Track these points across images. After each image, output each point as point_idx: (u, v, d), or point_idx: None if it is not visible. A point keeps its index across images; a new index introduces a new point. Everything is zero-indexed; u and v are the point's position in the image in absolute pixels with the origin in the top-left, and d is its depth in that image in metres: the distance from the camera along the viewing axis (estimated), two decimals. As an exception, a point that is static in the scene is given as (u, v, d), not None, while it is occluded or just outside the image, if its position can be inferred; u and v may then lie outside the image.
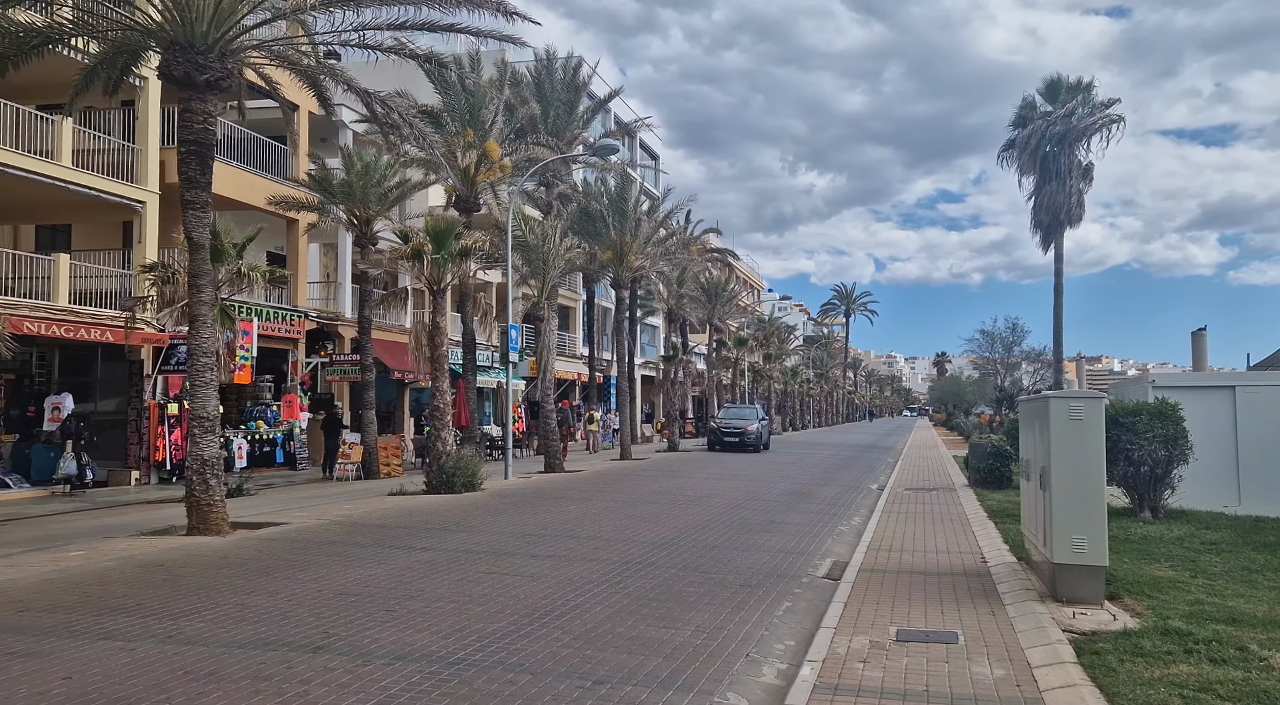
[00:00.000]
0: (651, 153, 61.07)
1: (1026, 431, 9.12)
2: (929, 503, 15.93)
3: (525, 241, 21.70)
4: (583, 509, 14.42)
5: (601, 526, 12.43)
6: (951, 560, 10.00)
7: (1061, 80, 30.98)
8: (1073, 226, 30.80)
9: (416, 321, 18.18)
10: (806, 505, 15.93)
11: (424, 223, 17.14)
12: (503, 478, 19.82)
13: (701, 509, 14.83)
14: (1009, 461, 18.21)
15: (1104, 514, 7.35)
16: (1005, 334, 39.54)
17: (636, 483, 19.56)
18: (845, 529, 13.09)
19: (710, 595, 8.24)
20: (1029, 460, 8.84)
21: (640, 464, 25.66)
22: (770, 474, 22.89)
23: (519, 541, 10.90)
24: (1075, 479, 7.36)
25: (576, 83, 32.53)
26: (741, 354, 50.07)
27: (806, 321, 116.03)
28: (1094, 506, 7.33)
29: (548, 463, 22.04)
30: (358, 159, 21.60)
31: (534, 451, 33.01)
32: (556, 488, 18.09)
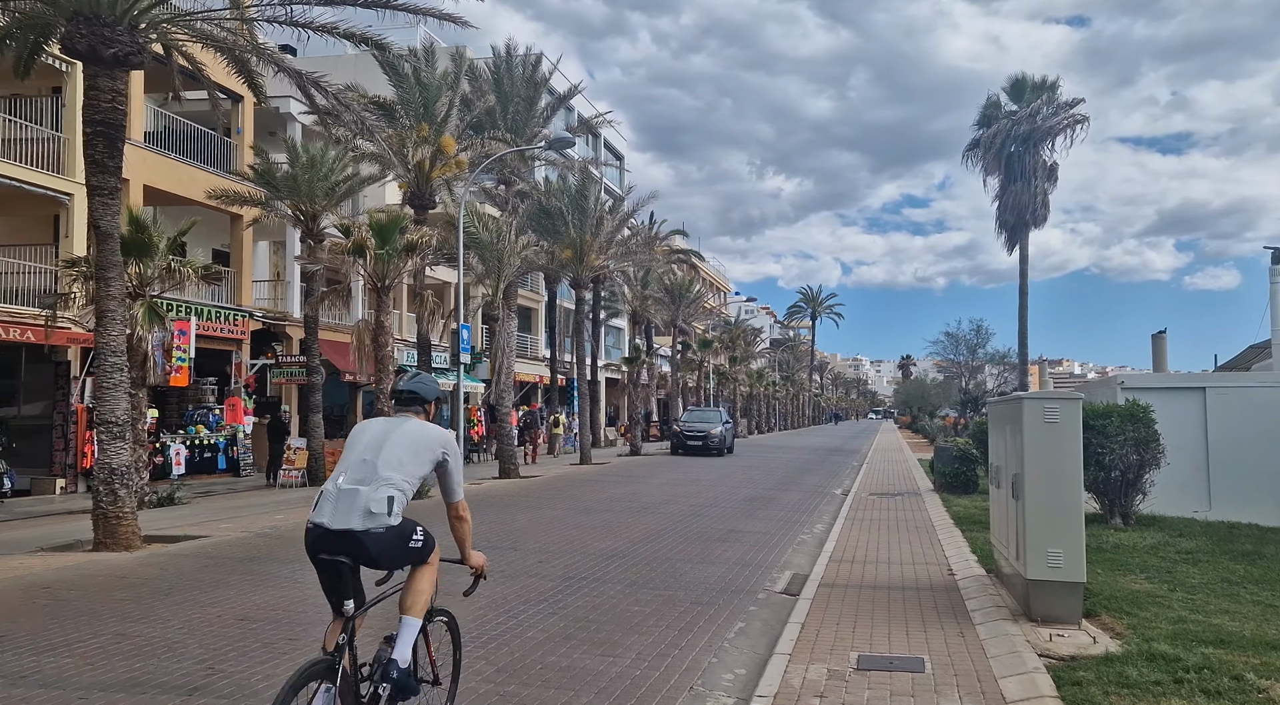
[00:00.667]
0: (616, 153, 60.42)
1: (996, 435, 8.54)
2: (894, 509, 15.38)
3: (479, 238, 20.90)
4: (532, 518, 13.66)
5: (549, 537, 11.69)
6: (917, 572, 9.39)
7: (1026, 79, 30.76)
8: (1038, 227, 30.62)
9: (359, 320, 17.28)
10: (768, 512, 15.31)
11: (367, 217, 16.26)
12: (453, 484, 19.00)
13: (658, 517, 14.15)
14: (975, 465, 17.77)
15: (1081, 525, 6.76)
16: (970, 336, 39.53)
17: (593, 489, 18.83)
18: (807, 538, 12.48)
19: (657, 615, 7.55)
20: (999, 466, 8.25)
21: (600, 469, 24.93)
22: (732, 479, 22.27)
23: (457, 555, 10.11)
24: (1050, 487, 6.77)
25: (536, 78, 31.74)
26: (706, 356, 49.52)
27: (773, 324, 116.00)
28: (1070, 517, 6.74)
29: (503, 468, 21.25)
30: (303, 151, 20.66)
31: (493, 456, 32.17)
32: (508, 495, 17.31)
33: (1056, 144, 30.45)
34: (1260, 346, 21.22)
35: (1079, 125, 29.65)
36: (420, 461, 4.08)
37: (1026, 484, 6.83)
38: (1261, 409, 13.34)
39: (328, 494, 3.87)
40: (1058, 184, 30.36)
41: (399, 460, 3.96)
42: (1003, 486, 8.04)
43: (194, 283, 15.47)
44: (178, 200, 21.72)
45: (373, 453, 3.96)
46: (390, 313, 16.06)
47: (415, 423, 4.19)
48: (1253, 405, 13.39)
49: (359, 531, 3.74)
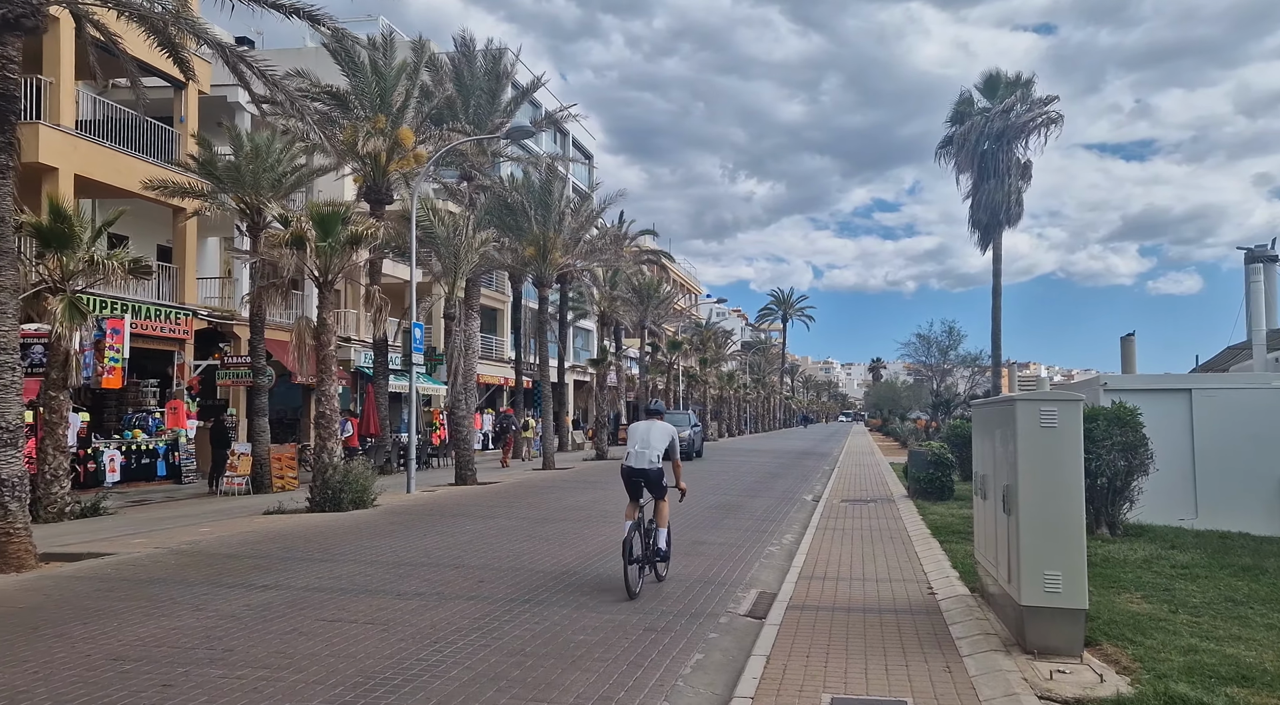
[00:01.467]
0: (585, 152, 59.52)
1: (982, 441, 7.74)
2: (867, 517, 14.61)
3: (435, 234, 19.90)
4: (481, 529, 12.71)
5: (496, 552, 10.75)
6: (894, 592, 8.58)
7: (1000, 76, 30.23)
8: (1011, 226, 30.09)
9: (300, 317, 16.23)
10: (735, 521, 14.48)
11: (308, 207, 15.22)
12: (404, 491, 17.99)
13: (617, 528, 13.20)
14: (950, 471, 17.09)
15: (1083, 545, 5.97)
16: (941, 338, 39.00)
17: (553, 496, 17.90)
18: (775, 550, 11.65)
19: (605, 645, 6.66)
20: (985, 476, 7.45)
21: (563, 474, 23.99)
22: (699, 484, 21.43)
23: (389, 574, 9.17)
24: (1048, 501, 5.97)
25: (499, 71, 30.77)
26: (675, 358, 48.70)
27: (745, 327, 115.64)
28: (1071, 535, 5.94)
29: (459, 474, 20.25)
30: (248, 140, 19.54)
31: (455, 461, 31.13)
32: (461, 503, 16.33)
33: (1030, 142, 29.99)
34: (1237, 347, 20.74)
35: (1053, 123, 29.22)
36: (664, 441, 8.81)
37: (1021, 497, 6.03)
38: (1250, 412, 12.73)
39: (631, 454, 8.70)
40: (1031, 183, 29.99)
41: (656, 440, 8.72)
42: (990, 498, 7.25)
43: (120, 277, 14.33)
44: (114, 192, 20.52)
45: (644, 436, 8.74)
46: (333, 309, 15.03)
47: (659, 424, 9.02)
48: (1241, 408, 12.77)
49: (645, 469, 8.59)
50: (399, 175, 25.06)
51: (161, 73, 22.58)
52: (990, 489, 7.16)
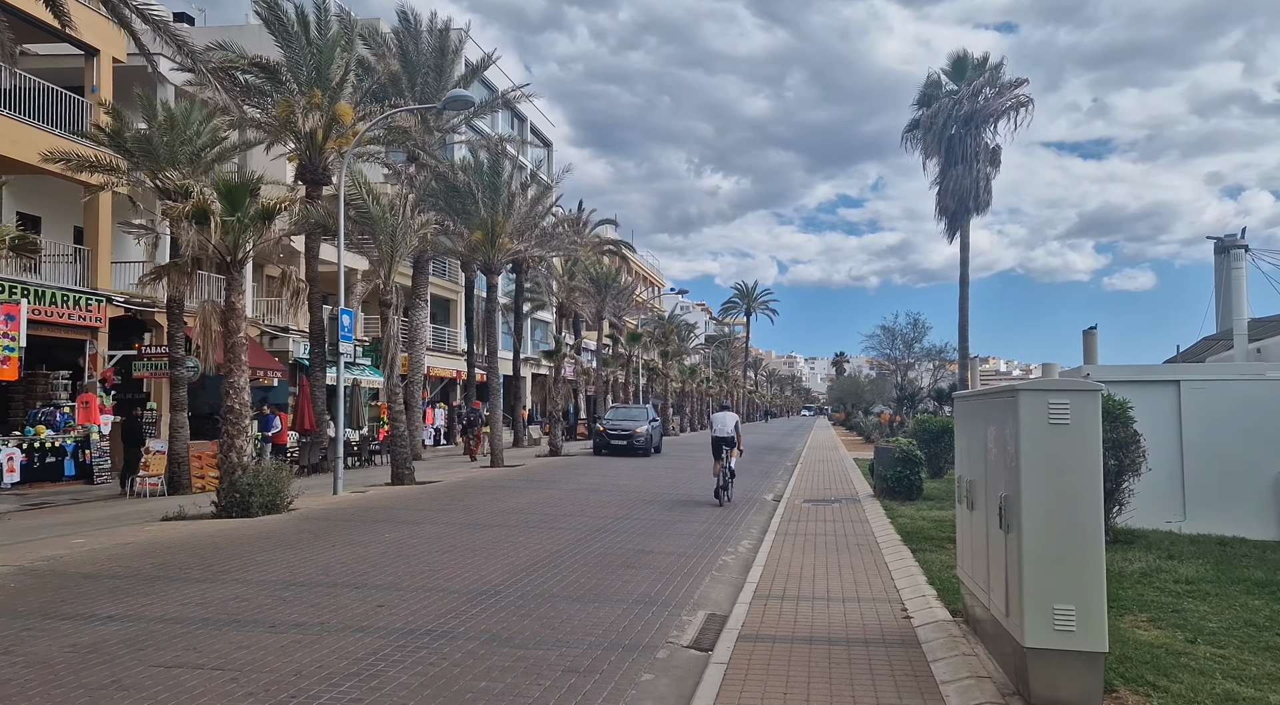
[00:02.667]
0: (544, 139, 57.98)
1: (969, 440, 6.54)
2: (831, 519, 13.46)
3: (370, 214, 18.39)
4: (401, 538, 11.33)
5: (410, 566, 9.39)
6: (864, 615, 7.38)
7: (968, 58, 29.22)
8: (979, 214, 29.14)
9: (204, 300, 14.68)
10: (688, 524, 13.24)
11: (215, 178, 13.66)
12: (331, 493, 16.52)
13: (557, 533, 11.95)
14: (919, 469, 16.02)
15: (1103, 572, 4.78)
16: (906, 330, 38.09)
17: (494, 497, 16.54)
18: (730, 559, 10.43)
19: (510, 694, 5.37)
20: (973, 481, 6.26)
21: (511, 472, 22.62)
22: (655, 482, 20.20)
23: (272, 598, 7.77)
24: (1059, 517, 4.77)
25: (445, 46, 29.28)
26: (635, 351, 47.44)
27: (708, 321, 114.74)
28: (1087, 561, 4.75)
29: (395, 473, 18.79)
30: (161, 109, 17.86)
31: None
32: (391, 506, 14.91)
33: (999, 127, 29.06)
34: (1213, 338, 19.95)
35: (1022, 108, 28.30)
36: (733, 421, 16.50)
37: (1024, 511, 4.82)
38: (1242, 405, 11.74)
39: (716, 430, 16.42)
40: (1000, 169, 29.07)
41: (730, 422, 16.44)
42: (979, 509, 6.06)
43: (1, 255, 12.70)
44: (12, 165, 18.71)
45: (723, 420, 16.61)
46: (243, 291, 13.50)
47: (730, 413, 16.96)
48: (1233, 400, 11.78)
49: (727, 436, 16.09)
50: (337, 154, 23.49)
51: (71, 38, 20.81)
52: (980, 498, 5.97)
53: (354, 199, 18.34)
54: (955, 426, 7.21)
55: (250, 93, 24.01)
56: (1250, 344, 16.68)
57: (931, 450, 18.92)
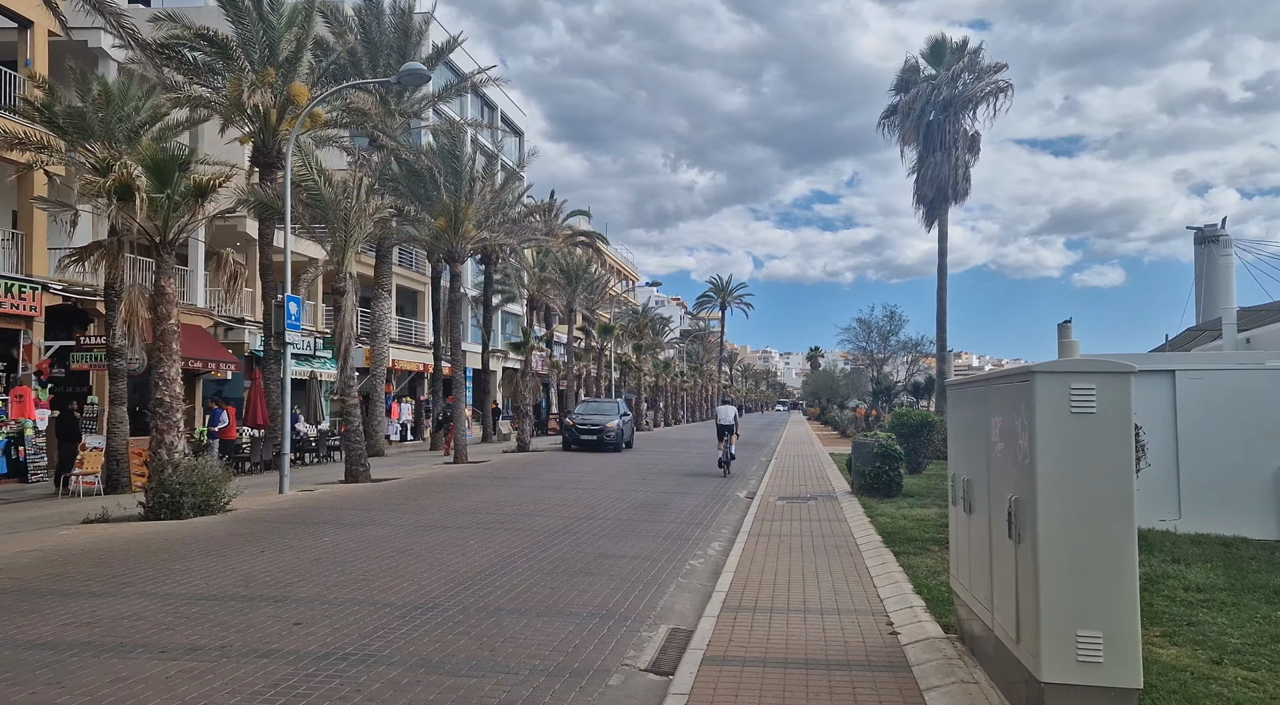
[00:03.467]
0: (515, 128, 56.83)
1: (966, 434, 5.74)
2: (807, 518, 12.68)
3: (320, 195, 17.37)
4: (342, 541, 10.40)
5: (342, 575, 8.47)
6: (845, 630, 6.57)
7: (946, 42, 28.51)
8: (958, 202, 28.44)
9: (130, 285, 13.61)
10: (656, 524, 12.41)
11: (142, 149, 12.60)
12: (277, 491, 15.52)
13: (512, 536, 11.07)
14: (898, 464, 15.27)
15: (1135, 592, 3.98)
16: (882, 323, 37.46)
17: (450, 495, 15.61)
18: (698, 564, 9.60)
19: (430, 738, 4.49)
20: (970, 481, 5.46)
21: (474, 469, 21.68)
22: (624, 479, 19.36)
23: (174, 616, 6.84)
24: (1085, 526, 3.97)
25: (409, 27, 28.18)
26: (608, 344, 46.55)
27: (684, 315, 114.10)
28: (1119, 577, 3.95)
29: (349, 470, 17.81)
30: (96, 83, 16.71)
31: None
32: (339, 505, 13.95)
33: (978, 113, 28.39)
34: (1198, 329, 19.43)
35: (1001, 93, 27.65)
36: (734, 411, 22.38)
37: (1041, 519, 4.02)
38: (1242, 395, 11.06)
39: (721, 418, 21.53)
40: (979, 156, 28.42)
41: (731, 412, 21.94)
42: (978, 512, 5.26)
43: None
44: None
45: (725, 410, 21.94)
46: (173, 275, 12.45)
47: (730, 407, 22.70)
48: (1231, 391, 11.10)
49: (729, 424, 21.12)
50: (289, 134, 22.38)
51: (3, 8, 19.59)
52: (981, 499, 5.16)
53: (305, 180, 17.32)
54: (949, 417, 6.41)
55: (200, 71, 22.88)
56: (1239, 333, 16.12)
57: (910, 445, 18.23)
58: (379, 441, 28.92)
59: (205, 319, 25.57)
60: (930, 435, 19.72)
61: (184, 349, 23.46)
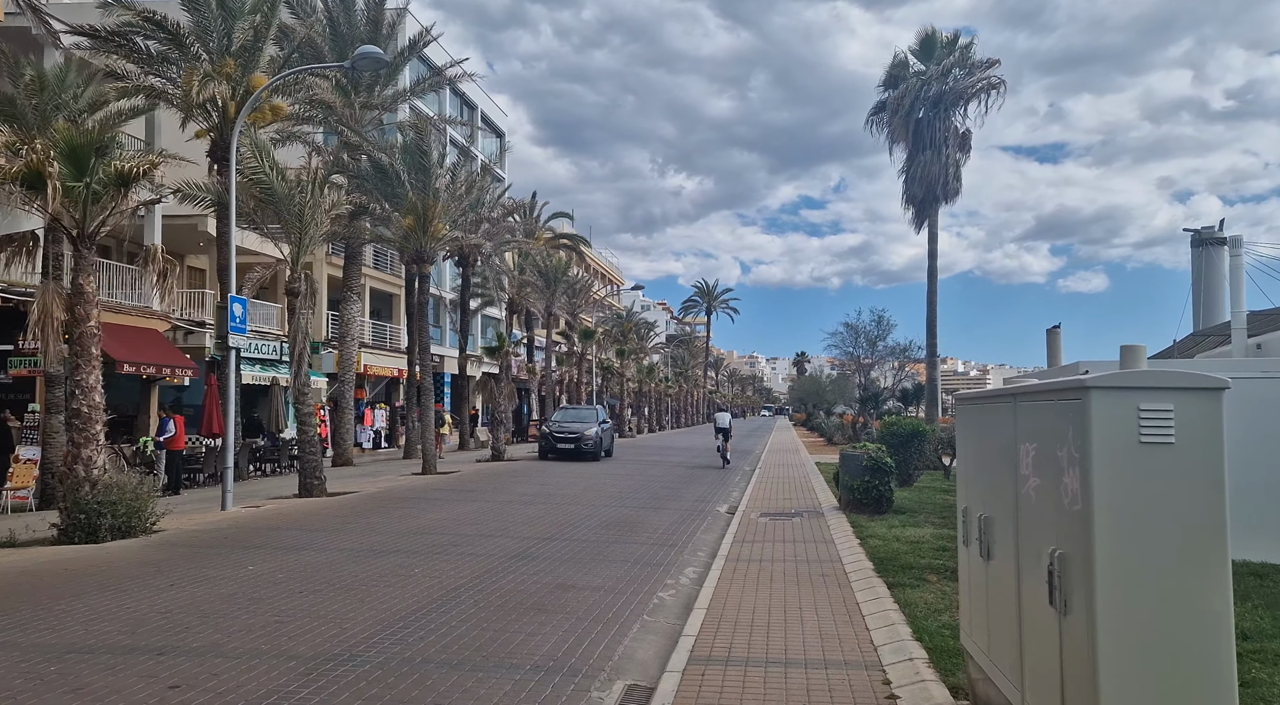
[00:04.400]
0: (496, 129, 55.72)
1: (979, 457, 4.69)
2: (791, 539, 11.63)
3: (272, 189, 16.23)
4: (269, 570, 9.26)
5: (254, 616, 7.34)
6: (833, 690, 5.50)
7: (936, 36, 27.55)
8: (948, 202, 27.51)
9: (43, 284, 12.43)
10: (626, 547, 11.32)
11: (56, 132, 11.43)
12: (219, 508, 14.34)
13: (464, 562, 9.96)
14: (888, 478, 14.25)
15: (1234, 686, 2.93)
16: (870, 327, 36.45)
17: (408, 512, 14.47)
18: (668, 597, 8.53)
19: None
20: (987, 519, 4.40)
21: (441, 481, 20.53)
22: (599, 491, 18.27)
23: (22, 677, 5.70)
24: (1162, 597, 2.91)
25: (380, 19, 27.07)
26: (588, 348, 45.44)
27: (670, 320, 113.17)
28: (1210, 668, 2.89)
29: (304, 483, 16.65)
30: (30, 69, 15.54)
31: (331, 463, 27.34)
32: (281, 525, 12.79)
33: (969, 110, 27.45)
34: (1203, 333, 18.54)
35: (994, 89, 26.74)
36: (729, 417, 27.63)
37: (1100, 587, 2.96)
38: (1269, 407, 10.12)
39: (720, 423, 27.05)
40: (970, 155, 27.48)
41: (728, 418, 27.21)
42: (998, 558, 4.21)
43: None
44: None
45: (722, 416, 27.24)
46: (92, 272, 11.28)
47: (726, 413, 27.55)
48: (1258, 402, 10.15)
49: (725, 428, 26.56)
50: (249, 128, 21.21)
51: (-64, -10, 18.32)
52: (1004, 545, 4.11)
53: (255, 173, 16.18)
54: (959, 438, 5.36)
55: (155, 61, 21.71)
56: (1250, 339, 15.20)
57: (901, 456, 17.25)
58: (347, 450, 27.74)
59: (162, 323, 24.32)
60: (922, 445, 18.76)
61: (138, 354, 22.31)
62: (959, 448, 5.29)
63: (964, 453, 5.11)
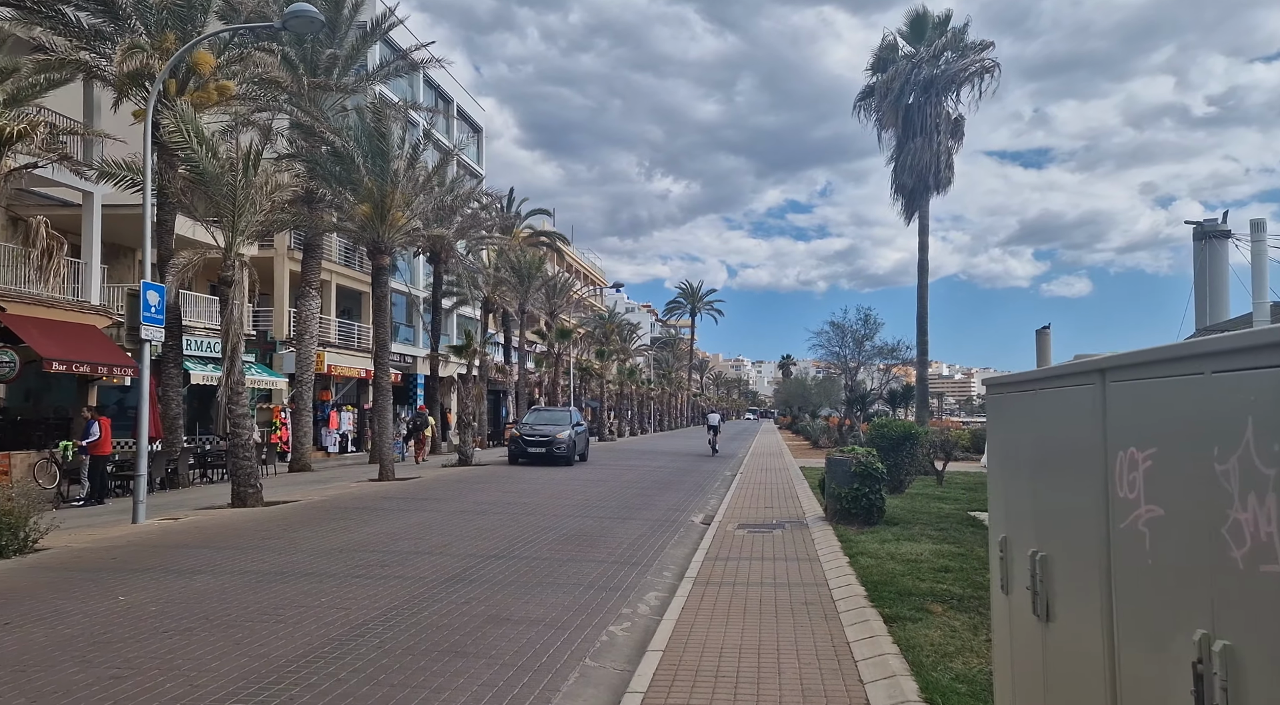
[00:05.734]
0: (474, 125, 54.15)
1: (1027, 469, 3.23)
2: (771, 556, 10.20)
3: (201, 167, 14.68)
4: (141, 602, 7.74)
5: (85, 670, 5.83)
6: (819, 788, 4.04)
7: (927, 16, 26.15)
8: (940, 192, 26.13)
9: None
10: (583, 566, 9.85)
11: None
12: (131, 520, 12.77)
13: (387, 587, 8.46)
14: (879, 486, 12.85)
15: None
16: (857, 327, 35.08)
17: (344, 525, 12.93)
18: (620, 633, 7.07)
19: None
20: (1041, 558, 2.95)
21: (395, 488, 18.99)
22: (565, 500, 16.79)
23: None
24: None
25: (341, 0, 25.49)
26: (565, 348, 43.93)
27: (655, 323, 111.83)
28: None
29: (237, 491, 15.08)
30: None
31: (289, 468, 25.75)
32: (189, 542, 11.24)
33: (962, 95, 26.10)
34: (1213, 329, 17.24)
35: (988, 74, 25.43)
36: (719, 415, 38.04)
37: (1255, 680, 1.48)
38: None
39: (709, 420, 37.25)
40: (963, 142, 26.15)
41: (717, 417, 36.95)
42: (1060, 619, 2.77)
43: None
44: None
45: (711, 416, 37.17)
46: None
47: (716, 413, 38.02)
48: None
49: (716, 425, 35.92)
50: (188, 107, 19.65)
51: None
52: (1081, 604, 2.66)
53: (181, 147, 14.64)
54: (992, 437, 3.91)
55: (89, 36, 20.14)
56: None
57: (892, 460, 15.86)
58: (306, 455, 26.15)
59: (101, 318, 22.66)
60: (914, 449, 17.37)
61: (71, 351, 20.63)
62: (991, 452, 3.84)
63: (1001, 459, 3.67)
